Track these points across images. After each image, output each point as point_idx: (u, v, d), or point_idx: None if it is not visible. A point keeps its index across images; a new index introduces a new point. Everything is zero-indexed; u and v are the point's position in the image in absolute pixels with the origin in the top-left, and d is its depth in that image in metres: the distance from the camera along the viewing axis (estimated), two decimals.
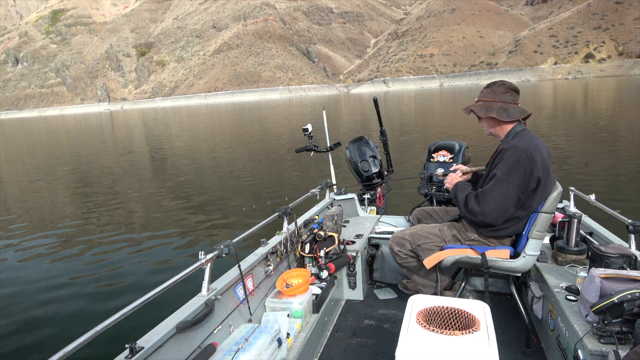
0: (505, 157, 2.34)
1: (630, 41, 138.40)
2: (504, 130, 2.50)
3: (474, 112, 2.53)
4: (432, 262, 2.59)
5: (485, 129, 2.58)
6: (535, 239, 2.44)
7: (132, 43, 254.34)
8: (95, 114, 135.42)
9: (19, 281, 5.70)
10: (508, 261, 2.50)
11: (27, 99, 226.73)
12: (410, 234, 2.70)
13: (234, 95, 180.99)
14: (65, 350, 1.43)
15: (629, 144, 13.26)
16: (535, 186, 2.33)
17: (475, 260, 2.54)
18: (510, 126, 2.48)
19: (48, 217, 9.28)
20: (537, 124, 19.95)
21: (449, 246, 2.59)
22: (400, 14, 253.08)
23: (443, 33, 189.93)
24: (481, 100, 2.52)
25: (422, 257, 2.63)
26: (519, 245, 2.52)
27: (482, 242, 2.56)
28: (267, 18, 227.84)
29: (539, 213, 2.42)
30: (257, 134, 26.77)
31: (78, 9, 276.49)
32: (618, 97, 39.94)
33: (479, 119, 2.56)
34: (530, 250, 2.45)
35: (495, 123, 2.49)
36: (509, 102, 2.46)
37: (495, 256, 2.51)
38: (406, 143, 16.45)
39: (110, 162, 17.81)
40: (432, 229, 2.68)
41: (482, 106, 2.49)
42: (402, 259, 2.71)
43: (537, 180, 2.32)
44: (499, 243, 2.55)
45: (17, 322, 4.54)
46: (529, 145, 2.33)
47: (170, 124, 45.62)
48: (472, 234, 2.57)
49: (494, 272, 2.59)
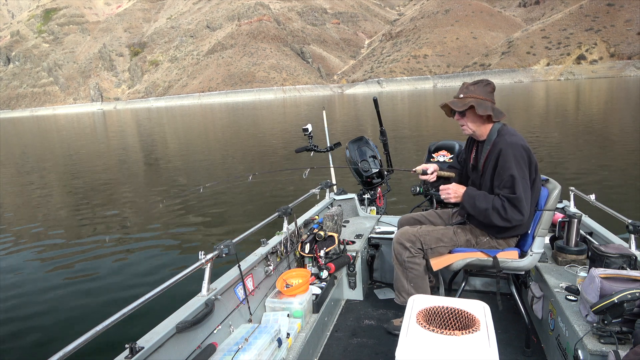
0: (509, 155, 2.34)
1: (621, 43, 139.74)
2: (487, 129, 2.50)
3: (473, 107, 2.43)
4: (440, 265, 2.56)
5: (468, 127, 2.51)
6: (540, 237, 2.49)
7: (126, 42, 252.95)
8: (88, 113, 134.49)
9: (19, 281, 5.65)
10: (517, 261, 2.52)
11: (19, 99, 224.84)
12: (421, 233, 2.59)
13: (227, 96, 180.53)
14: (65, 350, 1.42)
15: (629, 143, 13.36)
16: (535, 176, 2.40)
17: (486, 263, 2.54)
18: (491, 125, 2.50)
19: (47, 217, 9.18)
20: (537, 124, 20.08)
21: (459, 249, 2.57)
22: (394, 15, 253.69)
23: (437, 34, 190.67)
24: (471, 96, 2.44)
25: (430, 258, 2.57)
26: (526, 245, 2.54)
27: (492, 245, 2.56)
28: (261, 18, 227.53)
29: (542, 211, 2.46)
30: (257, 133, 26.72)
31: (70, 8, 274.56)
32: (610, 98, 40.30)
33: (460, 116, 2.49)
34: (536, 248, 2.50)
35: (481, 122, 2.48)
36: (494, 102, 2.48)
37: (505, 257, 2.53)
38: (401, 141, 16.47)
39: (105, 161, 17.69)
40: (445, 232, 2.60)
41: (476, 103, 2.42)
42: (410, 256, 2.57)
43: (535, 170, 2.39)
44: (506, 245, 2.56)
45: (17, 322, 4.51)
46: (520, 137, 2.41)
47: (164, 124, 45.41)
48: (484, 237, 2.56)
49: (493, 272, 2.59)
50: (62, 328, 4.33)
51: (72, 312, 4.67)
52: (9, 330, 4.35)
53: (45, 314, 4.69)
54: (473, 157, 2.63)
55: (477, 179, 2.57)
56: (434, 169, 2.73)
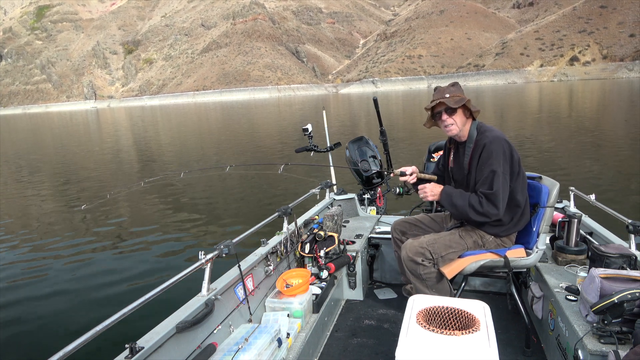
0: (494, 151, 2.38)
1: (614, 45, 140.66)
2: (468, 128, 2.54)
3: (467, 105, 2.47)
4: (455, 271, 2.54)
5: (456, 125, 2.51)
6: (544, 234, 2.54)
7: (120, 40, 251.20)
8: (82, 111, 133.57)
9: (18, 282, 5.59)
10: (525, 259, 2.55)
11: (11, 96, 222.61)
12: (428, 243, 2.55)
13: (222, 94, 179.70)
14: (65, 350, 1.41)
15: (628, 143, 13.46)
16: (518, 169, 2.45)
17: (498, 263, 2.54)
18: (470, 123, 2.54)
19: (44, 217, 9.10)
20: (535, 124, 20.18)
21: (469, 253, 2.56)
22: (389, 15, 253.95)
23: (431, 34, 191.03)
24: (456, 95, 2.46)
25: (441, 266, 2.54)
26: (531, 242, 2.57)
27: (498, 243, 2.57)
28: (256, 17, 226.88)
29: (545, 208, 2.49)
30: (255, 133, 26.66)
31: (64, 5, 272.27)
32: (602, 99, 40.60)
33: (448, 116, 2.49)
34: (541, 245, 2.54)
35: (465, 119, 2.52)
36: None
37: (513, 256, 2.54)
38: (395, 142, 16.50)
39: (102, 161, 17.57)
40: (451, 237, 2.58)
41: (461, 101, 2.44)
42: (425, 269, 2.52)
43: (518, 163, 2.44)
44: (510, 243, 2.58)
45: (18, 322, 4.48)
46: (500, 132, 2.47)
47: (158, 124, 45.21)
48: (489, 236, 2.57)
49: (495, 272, 2.60)
50: (62, 328, 4.31)
51: (71, 312, 4.64)
52: (9, 330, 4.31)
53: (45, 313, 4.66)
54: (451, 159, 2.67)
55: (463, 179, 2.59)
56: (412, 171, 2.75)
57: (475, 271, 2.64)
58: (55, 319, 4.53)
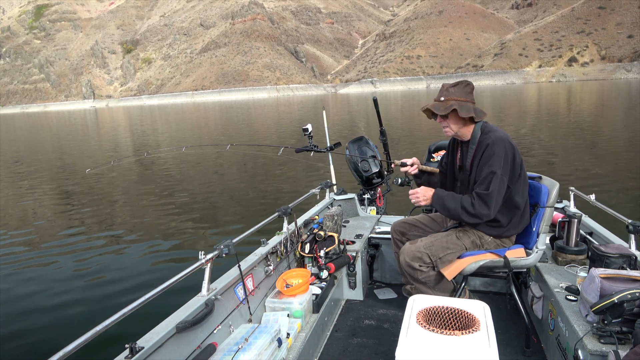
0: (496, 152, 2.36)
1: (612, 46, 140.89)
2: (470, 130, 2.52)
3: (455, 110, 2.42)
4: (455, 272, 2.53)
5: (450, 129, 2.52)
6: (544, 234, 2.53)
7: (118, 40, 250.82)
8: (80, 111, 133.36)
9: (18, 282, 5.58)
10: (525, 259, 2.54)
11: (10, 95, 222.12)
12: (426, 246, 2.54)
13: (221, 94, 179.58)
14: (65, 350, 1.41)
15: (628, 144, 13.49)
16: (520, 171, 2.43)
17: (497, 264, 2.54)
18: (473, 125, 2.52)
19: (43, 217, 9.08)
20: (534, 124, 20.21)
21: (468, 253, 2.56)
22: (388, 15, 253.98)
23: (430, 35, 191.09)
24: (452, 98, 2.44)
25: (441, 268, 2.53)
26: (531, 242, 2.57)
27: (497, 243, 2.57)
28: (255, 17, 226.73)
29: (545, 208, 2.49)
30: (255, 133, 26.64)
31: (62, 5, 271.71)
32: (601, 100, 40.67)
33: (442, 119, 2.50)
34: (541, 245, 2.53)
35: (463, 123, 2.49)
36: (475, 102, 2.50)
37: (513, 256, 2.54)
38: (395, 142, 16.51)
39: (100, 161, 17.54)
40: (449, 238, 2.57)
41: (458, 105, 2.42)
42: (423, 274, 2.53)
43: (520, 165, 2.43)
44: (510, 243, 2.57)
45: (17, 322, 4.47)
46: (504, 133, 2.45)
47: (157, 124, 45.16)
48: (488, 237, 2.56)
49: (495, 272, 2.60)
50: (62, 328, 4.30)
51: (71, 313, 4.63)
52: (9, 330, 4.30)
53: (45, 313, 4.65)
54: (459, 157, 2.64)
55: (465, 179, 2.58)
56: (413, 162, 2.78)
57: (475, 271, 2.63)
58: (55, 319, 4.52)
